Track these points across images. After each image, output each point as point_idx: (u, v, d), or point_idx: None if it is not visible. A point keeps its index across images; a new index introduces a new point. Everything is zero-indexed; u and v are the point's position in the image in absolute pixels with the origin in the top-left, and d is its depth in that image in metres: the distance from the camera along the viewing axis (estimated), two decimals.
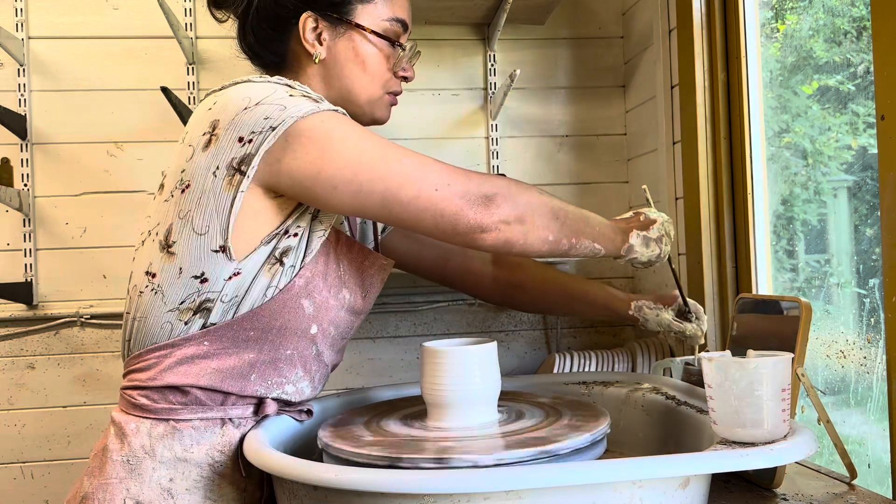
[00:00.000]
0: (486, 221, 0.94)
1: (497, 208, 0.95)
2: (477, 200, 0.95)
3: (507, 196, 0.96)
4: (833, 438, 1.02)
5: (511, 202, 0.96)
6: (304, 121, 0.92)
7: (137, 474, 0.95)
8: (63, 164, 1.90)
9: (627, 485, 0.77)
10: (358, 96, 1.09)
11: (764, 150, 1.56)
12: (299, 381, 1.04)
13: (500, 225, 0.95)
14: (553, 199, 1.02)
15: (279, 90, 0.95)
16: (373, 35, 1.06)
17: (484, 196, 0.95)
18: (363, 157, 0.93)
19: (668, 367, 1.25)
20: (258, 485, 1.00)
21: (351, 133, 0.94)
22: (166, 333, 0.97)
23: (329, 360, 1.08)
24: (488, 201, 0.95)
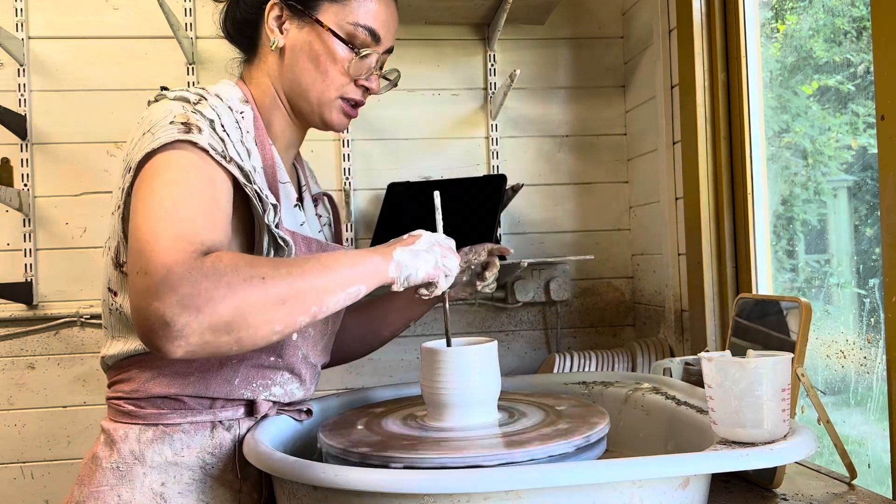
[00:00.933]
0: (176, 341, 0.77)
1: (190, 326, 0.76)
2: (167, 315, 0.76)
3: (203, 309, 0.76)
4: (833, 438, 1.02)
5: (207, 315, 0.76)
6: (157, 152, 0.88)
7: (128, 480, 0.96)
8: (63, 164, 1.90)
9: (627, 485, 0.77)
10: (308, 93, 1.05)
11: (764, 150, 1.56)
12: (287, 384, 1.04)
13: (196, 344, 0.77)
14: (272, 279, 0.81)
15: (170, 115, 0.91)
16: (330, 34, 1.03)
17: (169, 317, 0.76)
18: (160, 194, 0.85)
19: (668, 367, 1.25)
20: (255, 486, 1.00)
21: (173, 169, 0.87)
22: (139, 349, 0.97)
23: (316, 360, 1.09)
24: (176, 320, 0.76)
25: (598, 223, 2.08)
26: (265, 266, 0.82)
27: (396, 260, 0.93)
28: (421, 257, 0.95)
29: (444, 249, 0.99)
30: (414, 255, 0.95)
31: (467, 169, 2.03)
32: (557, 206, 2.07)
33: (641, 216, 2.01)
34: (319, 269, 0.85)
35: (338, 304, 0.87)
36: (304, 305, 0.83)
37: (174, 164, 0.87)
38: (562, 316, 2.05)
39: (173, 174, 0.87)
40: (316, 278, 0.84)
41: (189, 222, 0.83)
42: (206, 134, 0.90)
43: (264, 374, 1.01)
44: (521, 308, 2.05)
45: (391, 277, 0.93)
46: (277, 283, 0.81)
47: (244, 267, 0.80)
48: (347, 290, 0.87)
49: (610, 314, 2.09)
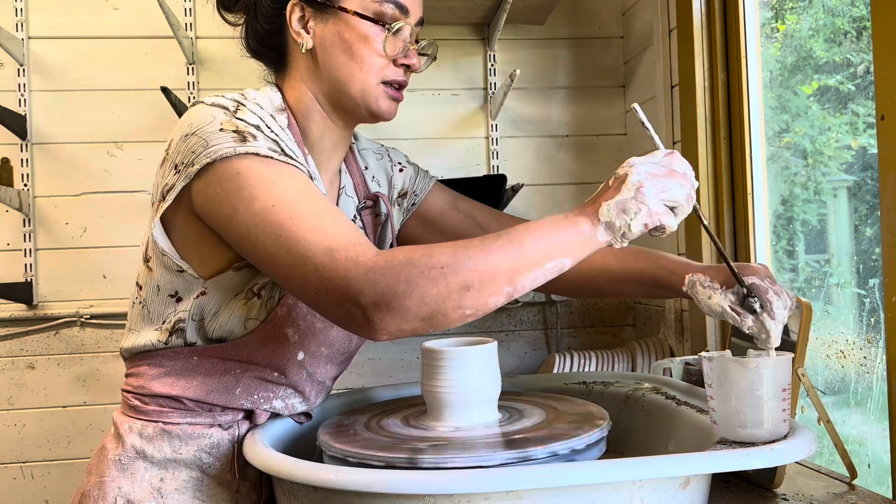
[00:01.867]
0: (378, 335, 0.81)
1: (384, 320, 0.79)
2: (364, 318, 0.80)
3: (392, 306, 0.79)
4: (833, 438, 1.02)
5: (397, 311, 0.79)
6: (219, 165, 0.87)
7: (129, 473, 0.97)
8: (63, 164, 1.90)
9: (628, 485, 0.77)
10: (348, 87, 1.00)
11: (764, 150, 1.56)
12: (288, 398, 1.03)
13: (395, 333, 0.81)
14: (451, 266, 0.79)
15: (215, 120, 0.89)
16: (357, 18, 0.98)
17: (367, 319, 0.80)
18: (269, 214, 0.85)
19: (668, 367, 1.25)
20: (254, 487, 1.00)
21: (267, 184, 0.86)
22: (149, 345, 0.98)
23: (325, 377, 1.07)
24: (372, 320, 0.79)
25: None
26: (444, 253, 0.79)
27: (605, 221, 0.81)
28: (629, 209, 0.81)
29: (662, 181, 0.83)
30: (621, 210, 0.81)
31: (467, 169, 2.03)
32: (557, 206, 2.07)
33: None
34: (507, 248, 0.80)
35: (535, 281, 0.81)
36: (492, 288, 0.79)
37: (262, 179, 0.86)
38: (562, 316, 2.05)
39: (271, 189, 0.85)
40: (502, 258, 0.79)
41: (333, 228, 0.84)
42: (261, 139, 0.89)
43: (266, 388, 1.01)
44: (521, 308, 2.05)
45: (604, 241, 0.82)
46: (458, 270, 0.78)
47: (421, 258, 0.79)
48: (545, 265, 0.81)
49: (610, 314, 2.09)
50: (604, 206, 0.82)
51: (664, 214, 0.83)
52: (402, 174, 1.20)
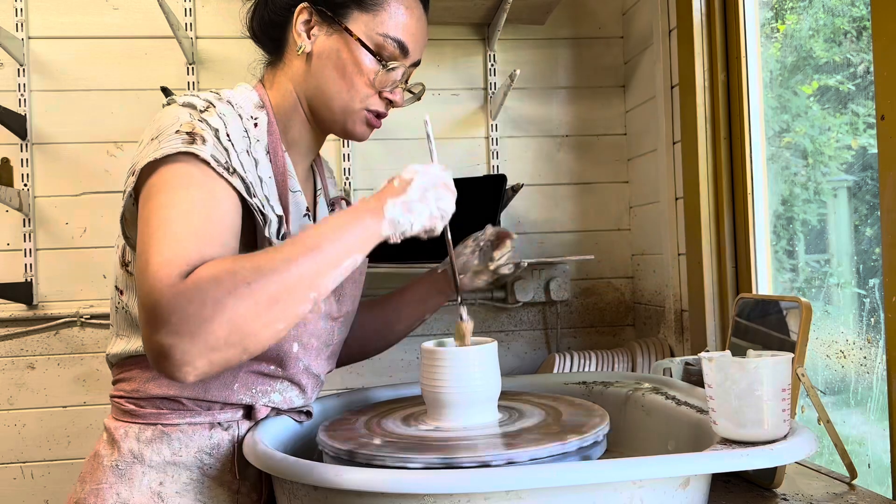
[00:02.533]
0: (183, 369, 0.77)
1: (189, 352, 0.75)
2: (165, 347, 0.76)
3: (196, 333, 0.75)
4: (833, 438, 1.02)
5: (202, 338, 0.75)
6: (160, 162, 0.87)
7: (127, 479, 0.96)
8: (63, 164, 1.90)
9: (628, 485, 0.77)
10: (331, 102, 1.02)
11: (764, 150, 1.56)
12: (286, 391, 1.03)
13: (204, 366, 0.77)
14: (258, 282, 0.77)
15: (177, 122, 0.90)
16: (359, 44, 1.00)
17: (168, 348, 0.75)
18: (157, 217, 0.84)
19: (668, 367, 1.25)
20: (254, 487, 1.00)
21: (171, 188, 0.85)
22: (141, 349, 0.97)
23: (318, 371, 1.08)
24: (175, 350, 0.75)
25: (598, 223, 2.08)
26: (248, 269, 0.78)
27: (389, 217, 0.88)
28: (415, 209, 0.89)
29: (439, 190, 0.92)
30: (407, 209, 0.89)
31: (467, 169, 2.03)
32: (557, 206, 2.07)
33: (641, 216, 2.01)
34: (306, 254, 0.81)
35: (336, 280, 0.84)
36: (299, 296, 0.80)
37: (173, 183, 0.86)
38: (562, 316, 2.05)
39: (170, 195, 0.85)
40: (305, 264, 0.81)
41: (179, 244, 0.81)
42: (210, 144, 0.89)
43: (264, 381, 1.01)
44: (521, 308, 2.05)
45: (385, 235, 0.88)
46: (264, 284, 0.78)
47: (226, 277, 0.77)
48: (342, 265, 0.84)
49: (610, 314, 2.09)
50: (389, 203, 0.88)
51: (437, 220, 0.92)
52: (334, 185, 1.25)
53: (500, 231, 1.25)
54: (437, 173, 0.93)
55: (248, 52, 1.13)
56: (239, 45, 1.92)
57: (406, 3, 1.03)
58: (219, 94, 0.97)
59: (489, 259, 1.23)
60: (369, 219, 0.87)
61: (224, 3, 1.96)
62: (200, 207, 0.85)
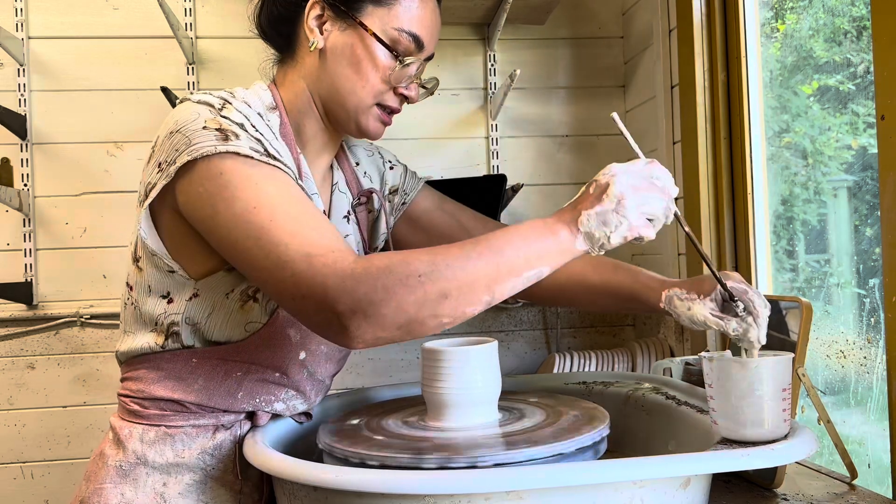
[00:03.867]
0: (355, 342, 0.81)
1: (361, 328, 0.79)
2: (341, 325, 0.79)
3: (368, 313, 0.78)
4: (833, 438, 1.02)
5: (374, 318, 0.78)
6: (201, 164, 0.86)
7: (132, 479, 0.96)
8: (63, 164, 1.90)
9: (628, 485, 0.77)
10: (345, 98, 1.00)
11: (764, 150, 1.56)
12: (290, 400, 1.03)
13: (371, 340, 0.80)
14: (429, 275, 0.78)
15: (199, 118, 0.88)
16: (374, 39, 0.98)
17: (343, 326, 0.79)
18: (250, 215, 0.84)
19: (668, 367, 1.25)
20: (256, 487, 1.00)
21: (246, 186, 0.85)
22: (147, 347, 0.98)
23: (324, 376, 1.07)
24: (349, 327, 0.79)
25: None
26: (422, 261, 0.79)
27: (585, 231, 0.81)
28: (610, 221, 0.81)
29: (641, 194, 0.82)
30: (602, 221, 0.81)
31: (467, 169, 2.03)
32: (557, 206, 2.06)
33: None
34: (486, 255, 0.79)
35: (514, 289, 0.81)
36: (471, 297, 0.79)
37: (242, 180, 0.85)
38: (562, 316, 2.05)
39: (251, 191, 0.84)
40: (482, 266, 0.79)
41: (310, 232, 0.83)
42: (244, 138, 0.88)
43: (268, 390, 1.00)
44: (521, 308, 2.05)
45: (581, 251, 0.82)
46: (436, 278, 0.78)
47: (399, 266, 0.78)
48: (524, 274, 0.80)
49: (610, 314, 2.08)
50: (584, 216, 0.81)
51: (644, 227, 0.83)
52: (392, 171, 1.20)
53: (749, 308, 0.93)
54: (638, 171, 0.84)
55: (248, 51, 1.12)
56: (239, 45, 1.92)
57: None
58: (233, 94, 0.96)
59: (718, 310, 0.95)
60: (564, 232, 0.82)
61: (224, 3, 1.96)
62: (291, 196, 0.86)
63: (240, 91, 0.98)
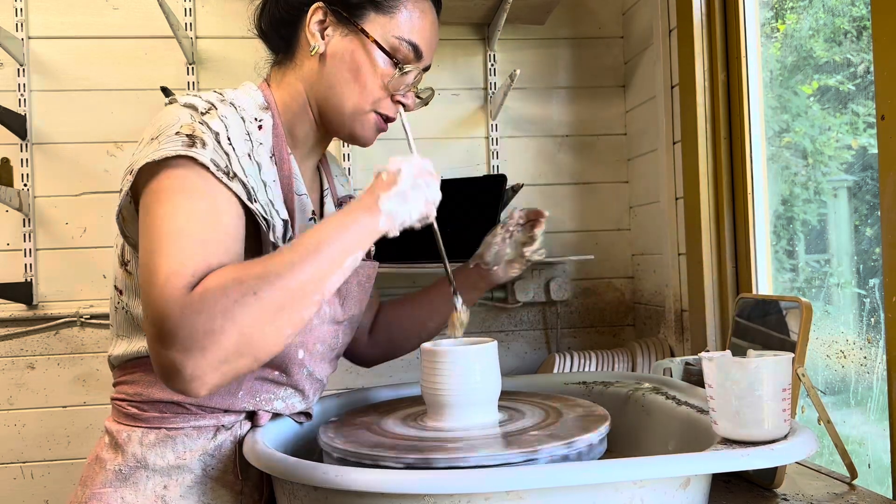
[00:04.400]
0: (194, 384, 0.77)
1: (200, 367, 0.76)
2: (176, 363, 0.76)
3: (207, 347, 0.75)
4: (833, 438, 1.02)
5: (213, 351, 0.76)
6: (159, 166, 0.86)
7: (132, 483, 0.96)
8: (63, 164, 1.90)
9: (628, 485, 0.77)
10: (342, 103, 1.01)
11: (764, 150, 1.56)
12: (289, 398, 1.03)
13: (215, 378, 0.77)
14: (264, 290, 0.78)
15: (178, 122, 0.89)
16: (374, 46, 0.98)
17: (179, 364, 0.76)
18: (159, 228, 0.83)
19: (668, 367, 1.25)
20: (256, 487, 1.00)
21: (173, 196, 0.85)
22: (143, 351, 0.97)
23: (322, 375, 1.07)
24: (185, 365, 0.76)
25: (598, 223, 2.08)
26: (253, 277, 0.78)
27: (385, 211, 0.87)
28: (410, 198, 0.88)
29: (426, 177, 0.91)
30: (402, 199, 0.88)
31: (467, 169, 2.03)
32: (557, 206, 2.07)
33: (641, 216, 2.01)
34: (308, 258, 0.81)
35: (339, 280, 0.84)
36: (305, 301, 0.81)
37: (173, 190, 0.85)
38: (562, 316, 2.05)
39: (172, 204, 0.84)
40: (308, 269, 0.81)
41: (184, 255, 0.81)
42: (210, 148, 0.88)
43: (268, 389, 1.00)
44: (521, 308, 2.05)
45: (383, 230, 0.87)
46: (271, 292, 0.78)
47: (233, 286, 0.77)
48: (343, 265, 0.84)
49: (610, 314, 2.09)
50: (383, 197, 0.87)
51: (431, 206, 0.92)
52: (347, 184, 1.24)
53: (529, 211, 1.21)
54: (419, 162, 0.92)
55: (248, 52, 1.13)
56: (239, 45, 1.92)
57: (421, 6, 1.02)
58: (222, 95, 0.96)
59: (522, 245, 1.20)
60: (365, 216, 0.87)
61: (224, 3, 1.96)
62: (203, 216, 0.85)
63: (229, 92, 0.98)
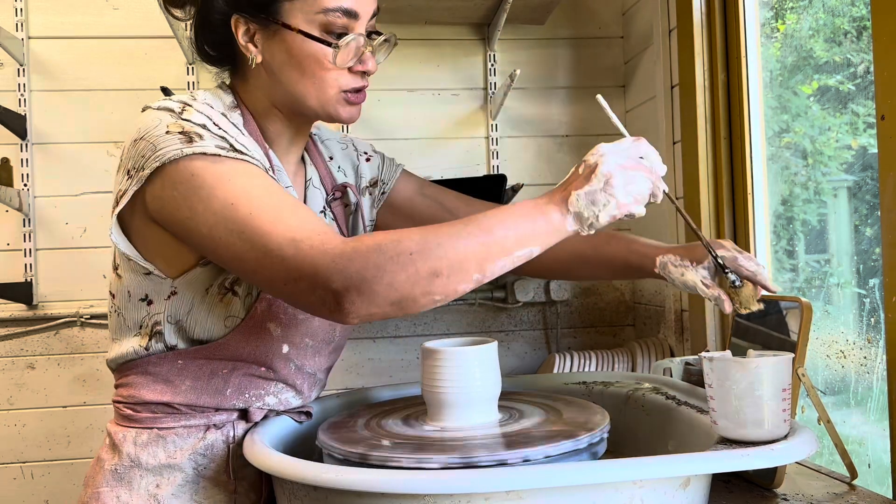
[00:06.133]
0: (349, 318, 0.82)
1: (355, 304, 0.80)
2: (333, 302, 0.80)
3: (362, 289, 0.79)
4: (833, 438, 1.02)
5: (367, 295, 0.79)
6: (170, 168, 0.86)
7: (126, 482, 0.97)
8: (63, 164, 1.90)
9: (628, 485, 0.77)
10: (305, 100, 0.98)
11: (764, 150, 1.56)
12: (281, 393, 1.03)
13: (364, 316, 0.82)
14: (420, 253, 0.79)
15: (161, 123, 0.89)
16: (300, 35, 0.94)
17: (336, 303, 0.80)
18: (229, 212, 0.85)
19: (668, 367, 1.25)
20: (252, 487, 1.00)
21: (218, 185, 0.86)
22: (132, 353, 0.98)
23: (315, 369, 1.07)
24: (342, 304, 0.80)
25: None
26: (413, 239, 0.80)
27: (574, 212, 0.82)
28: (598, 201, 0.82)
29: (628, 173, 0.84)
30: (590, 201, 0.82)
31: (467, 169, 2.03)
32: None
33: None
34: (477, 234, 0.80)
35: (504, 268, 0.82)
36: (462, 275, 0.80)
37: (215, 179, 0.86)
38: (562, 316, 2.05)
39: (225, 188, 0.85)
40: (472, 245, 0.80)
41: (292, 218, 0.84)
42: (207, 137, 0.88)
43: (257, 385, 1.00)
44: (521, 308, 2.05)
45: (572, 230, 0.83)
46: (426, 256, 0.79)
47: (390, 245, 0.79)
48: (514, 254, 0.81)
49: (610, 314, 2.09)
50: (573, 196, 0.83)
51: (632, 205, 0.84)
52: (369, 164, 1.19)
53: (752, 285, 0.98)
54: (625, 150, 0.86)
55: None
56: None
57: None
58: (193, 96, 0.96)
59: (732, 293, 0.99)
60: (555, 212, 0.83)
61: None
62: (264, 187, 0.87)
63: (200, 93, 0.98)
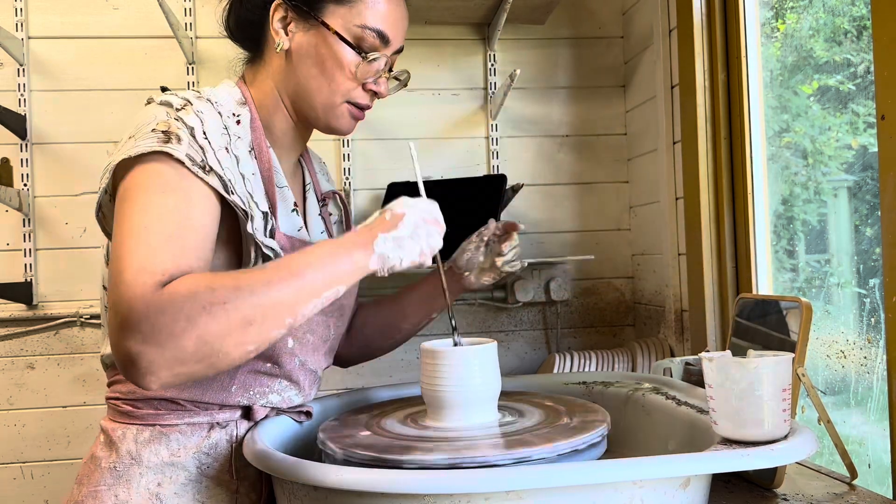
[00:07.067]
0: (147, 377, 0.78)
1: (156, 363, 0.76)
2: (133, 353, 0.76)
3: (165, 345, 0.75)
4: (833, 438, 1.02)
5: (171, 350, 0.76)
6: (133, 162, 0.87)
7: (125, 480, 0.96)
8: (63, 164, 1.90)
9: (628, 485, 0.77)
10: (312, 97, 1.01)
11: (764, 150, 1.56)
12: (284, 391, 1.03)
13: (168, 377, 0.78)
14: (234, 302, 0.77)
15: (154, 120, 0.90)
16: (336, 38, 0.98)
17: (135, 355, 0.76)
18: (130, 222, 0.84)
19: (668, 367, 1.25)
20: (253, 486, 1.00)
21: (146, 192, 0.85)
22: None
23: (315, 366, 1.07)
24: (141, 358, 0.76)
25: (598, 223, 2.08)
26: (227, 288, 0.78)
27: (378, 253, 0.87)
28: (405, 246, 0.89)
29: (429, 226, 0.92)
30: (398, 245, 0.88)
31: (467, 169, 2.03)
32: (557, 206, 2.07)
33: (641, 216, 2.01)
34: (288, 279, 0.81)
35: (314, 309, 0.84)
36: (274, 321, 0.80)
37: (147, 185, 0.86)
38: (562, 316, 2.05)
39: (144, 199, 0.85)
40: (284, 291, 0.80)
41: (153, 252, 0.81)
42: (185, 143, 0.88)
43: (261, 382, 1.00)
44: (521, 308, 2.05)
45: (372, 270, 0.88)
46: (240, 305, 0.78)
47: (203, 293, 0.77)
48: (323, 294, 0.83)
49: (610, 314, 2.09)
50: (380, 238, 0.88)
51: (427, 255, 0.92)
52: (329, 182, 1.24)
53: (505, 223, 1.22)
54: (427, 208, 0.93)
55: None
56: None
57: None
58: (199, 92, 0.97)
59: (495, 255, 1.21)
60: (358, 252, 0.87)
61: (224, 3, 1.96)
62: (175, 213, 0.85)
63: (207, 90, 0.99)
